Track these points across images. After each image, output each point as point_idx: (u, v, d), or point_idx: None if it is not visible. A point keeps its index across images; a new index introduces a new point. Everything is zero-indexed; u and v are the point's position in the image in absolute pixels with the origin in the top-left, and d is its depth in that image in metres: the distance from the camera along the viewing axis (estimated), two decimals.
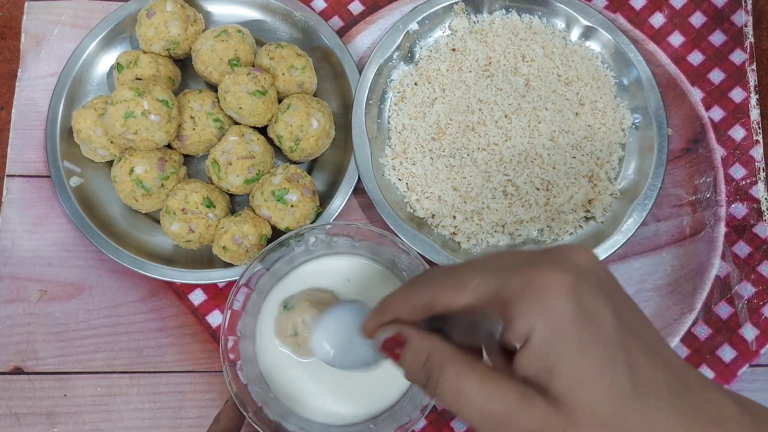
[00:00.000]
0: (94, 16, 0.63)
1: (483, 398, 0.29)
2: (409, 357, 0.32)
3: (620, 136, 0.60)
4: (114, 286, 0.59)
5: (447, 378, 0.30)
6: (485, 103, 0.59)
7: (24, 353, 0.57)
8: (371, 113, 0.60)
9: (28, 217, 0.60)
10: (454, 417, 0.57)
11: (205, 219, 0.54)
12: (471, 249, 0.58)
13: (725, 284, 0.59)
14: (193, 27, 0.58)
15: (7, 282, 0.58)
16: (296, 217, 0.55)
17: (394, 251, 0.51)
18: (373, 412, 0.52)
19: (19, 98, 0.62)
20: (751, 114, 0.63)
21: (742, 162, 0.62)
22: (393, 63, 0.61)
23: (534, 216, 0.58)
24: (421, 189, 0.58)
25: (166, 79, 0.57)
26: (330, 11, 0.65)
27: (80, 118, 0.56)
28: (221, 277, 0.56)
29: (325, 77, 0.62)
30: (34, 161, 0.61)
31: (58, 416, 0.56)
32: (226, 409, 0.50)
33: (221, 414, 0.50)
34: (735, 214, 0.61)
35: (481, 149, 0.58)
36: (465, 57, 0.61)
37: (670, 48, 0.64)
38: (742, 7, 0.65)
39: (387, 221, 0.57)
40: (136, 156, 0.54)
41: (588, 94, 0.60)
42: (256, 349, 0.53)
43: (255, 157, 0.55)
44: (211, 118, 0.56)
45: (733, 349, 0.58)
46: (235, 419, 0.50)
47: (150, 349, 0.58)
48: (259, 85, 0.54)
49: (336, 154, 0.60)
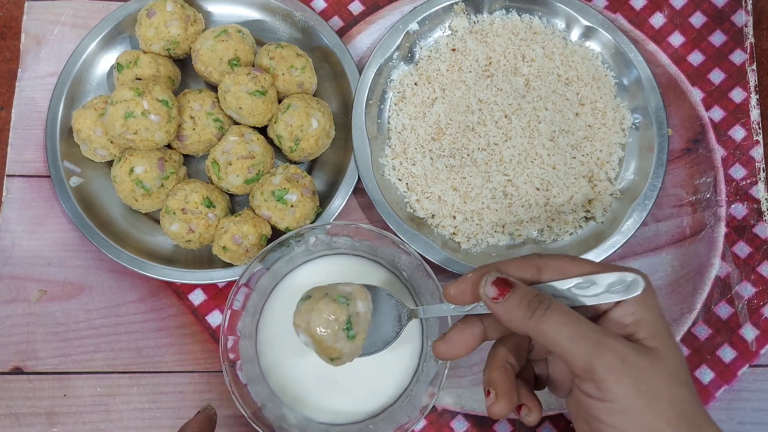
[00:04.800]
0: (94, 16, 0.63)
1: (583, 326, 0.36)
2: (518, 293, 0.38)
3: (620, 136, 0.60)
4: (114, 286, 0.59)
5: (555, 309, 0.36)
6: (485, 103, 0.59)
7: (24, 353, 0.57)
8: (371, 113, 0.60)
9: (27, 217, 0.60)
10: (454, 417, 0.57)
11: (205, 219, 0.54)
12: (471, 249, 0.58)
13: (725, 284, 0.59)
14: (193, 27, 0.58)
15: (6, 282, 0.58)
16: (296, 217, 0.55)
17: (394, 251, 0.51)
18: (372, 411, 0.52)
19: (19, 98, 0.62)
20: (751, 114, 0.63)
21: (742, 162, 0.62)
22: (393, 63, 0.61)
23: (534, 216, 0.58)
24: (421, 189, 0.58)
25: (166, 79, 0.57)
26: (330, 11, 0.65)
27: (80, 118, 0.56)
28: (221, 277, 0.56)
29: (325, 77, 0.62)
30: (34, 161, 0.61)
31: (58, 416, 0.56)
32: (193, 422, 0.47)
33: (186, 427, 0.47)
34: (735, 215, 0.61)
35: (481, 149, 0.58)
36: (465, 57, 0.61)
37: (671, 48, 0.64)
38: (742, 7, 0.65)
39: (387, 221, 0.57)
40: (136, 156, 0.54)
41: (588, 94, 0.60)
42: (257, 348, 0.53)
43: (255, 157, 0.55)
44: (211, 118, 0.56)
45: (733, 350, 0.58)
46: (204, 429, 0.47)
47: (150, 349, 0.58)
48: (259, 85, 0.54)
49: (336, 154, 0.60)
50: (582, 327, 0.36)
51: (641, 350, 0.36)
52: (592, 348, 0.35)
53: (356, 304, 0.44)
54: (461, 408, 0.57)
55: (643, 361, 0.35)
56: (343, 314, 0.43)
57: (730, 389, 0.57)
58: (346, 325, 0.43)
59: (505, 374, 0.40)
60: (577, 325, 0.36)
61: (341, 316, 0.43)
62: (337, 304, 0.44)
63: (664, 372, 0.36)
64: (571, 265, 0.39)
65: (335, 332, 0.43)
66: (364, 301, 0.45)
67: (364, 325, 0.44)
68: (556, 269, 0.39)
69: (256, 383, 0.51)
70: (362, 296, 0.45)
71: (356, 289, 0.45)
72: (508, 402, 0.40)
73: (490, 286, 0.38)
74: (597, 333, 0.36)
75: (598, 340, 0.35)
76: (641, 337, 0.37)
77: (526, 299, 0.37)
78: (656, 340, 0.37)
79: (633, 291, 0.37)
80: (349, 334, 0.44)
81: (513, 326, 0.38)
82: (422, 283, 0.51)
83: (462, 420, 0.57)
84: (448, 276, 0.59)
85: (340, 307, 0.44)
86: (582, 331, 0.36)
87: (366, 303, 0.45)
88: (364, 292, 0.46)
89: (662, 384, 0.35)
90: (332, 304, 0.44)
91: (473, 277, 0.40)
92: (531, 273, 0.39)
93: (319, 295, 0.45)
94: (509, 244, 0.59)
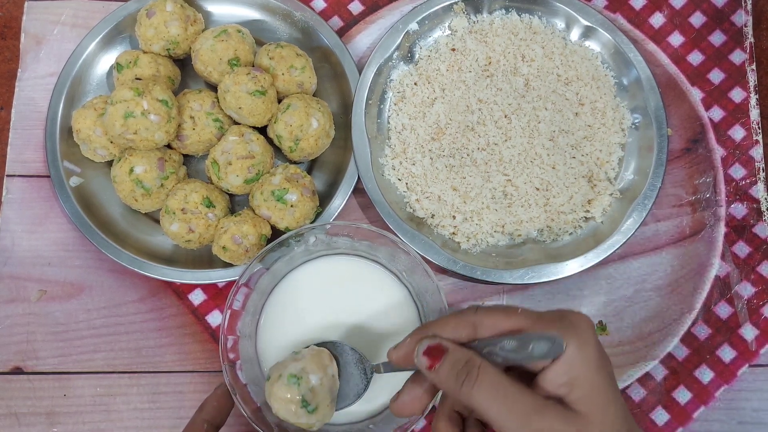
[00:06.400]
0: (94, 16, 0.63)
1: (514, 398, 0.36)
2: (449, 361, 0.37)
3: (620, 136, 0.60)
4: (114, 286, 0.59)
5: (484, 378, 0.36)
6: (485, 103, 0.59)
7: (24, 353, 0.57)
8: (371, 113, 0.60)
9: (27, 217, 0.60)
10: None
11: (204, 219, 0.54)
12: (470, 249, 0.58)
13: (725, 284, 0.59)
14: (193, 27, 0.58)
15: (7, 282, 0.58)
16: (296, 217, 0.55)
17: (393, 251, 0.51)
18: (371, 411, 0.52)
19: (19, 98, 0.62)
20: (751, 114, 0.63)
21: (742, 162, 0.62)
22: (393, 63, 0.61)
23: (533, 216, 0.58)
24: (421, 189, 0.58)
25: (165, 79, 0.57)
26: (330, 11, 0.65)
27: (80, 118, 0.56)
28: (221, 277, 0.56)
29: (324, 77, 0.62)
30: (33, 161, 0.61)
31: (58, 416, 0.56)
32: (212, 398, 0.49)
33: (206, 403, 0.49)
34: (735, 214, 0.61)
35: (481, 149, 0.58)
36: (465, 57, 0.61)
37: (670, 48, 0.64)
38: (742, 7, 0.65)
39: (387, 221, 0.57)
40: (136, 156, 0.55)
41: (588, 94, 0.60)
42: (257, 348, 0.53)
43: (255, 157, 0.55)
44: (210, 118, 0.56)
45: (733, 349, 0.58)
46: (221, 409, 0.49)
47: (150, 349, 0.58)
48: (258, 85, 0.54)
49: (336, 154, 0.60)
50: (509, 400, 0.36)
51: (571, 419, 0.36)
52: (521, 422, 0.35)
53: (308, 380, 0.45)
54: None
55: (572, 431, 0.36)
56: (296, 395, 0.45)
57: (730, 389, 0.57)
58: (302, 403, 0.45)
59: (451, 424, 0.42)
60: (504, 399, 0.36)
61: (294, 396, 0.45)
62: (289, 386, 0.45)
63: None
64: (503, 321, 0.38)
65: (295, 412, 0.45)
66: (318, 372, 0.46)
67: (323, 395, 0.45)
68: (490, 326, 0.38)
69: (257, 383, 0.51)
70: (316, 366, 0.46)
71: (308, 361, 0.46)
72: None
73: (422, 355, 0.38)
74: (525, 406, 0.36)
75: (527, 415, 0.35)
76: (573, 399, 0.36)
77: (455, 369, 0.37)
78: (588, 402, 0.36)
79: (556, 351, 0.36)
80: (309, 409, 0.45)
81: (449, 394, 0.39)
82: (422, 283, 0.51)
83: None
84: (448, 276, 0.59)
85: (291, 387, 0.45)
86: (510, 405, 0.36)
87: (320, 374, 0.46)
88: (319, 359, 0.46)
89: None
90: (284, 386, 0.45)
91: (410, 343, 0.40)
92: (467, 331, 0.39)
93: (275, 377, 0.46)
94: (509, 243, 0.59)
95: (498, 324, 0.38)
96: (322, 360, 0.47)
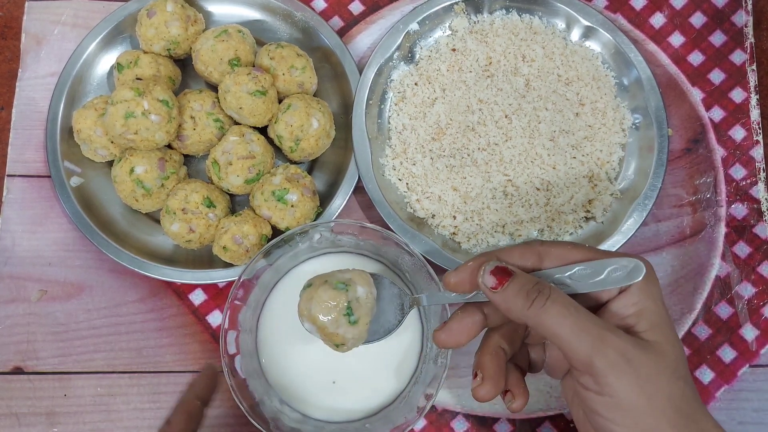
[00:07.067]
0: (95, 16, 0.63)
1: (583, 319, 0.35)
2: (518, 281, 0.37)
3: (620, 136, 0.60)
4: (114, 286, 0.59)
5: (556, 298, 0.36)
6: (485, 104, 0.59)
7: (24, 353, 0.57)
8: (371, 113, 0.60)
9: (28, 217, 0.60)
10: (454, 417, 0.57)
11: (205, 219, 0.54)
12: (471, 249, 0.58)
13: (725, 284, 0.59)
14: (194, 27, 0.58)
15: (7, 282, 0.58)
16: (296, 217, 0.55)
17: (397, 251, 0.51)
18: (369, 410, 0.52)
19: (19, 98, 0.62)
20: (751, 114, 0.63)
21: (743, 162, 0.62)
22: (393, 63, 0.61)
23: (534, 216, 0.58)
24: (421, 189, 0.58)
25: (166, 79, 0.57)
26: (330, 11, 0.65)
27: (80, 118, 0.56)
28: (221, 277, 0.56)
29: (325, 77, 0.62)
30: (34, 161, 0.61)
31: (58, 416, 0.56)
32: (202, 377, 0.49)
33: (196, 381, 0.49)
34: (735, 215, 0.61)
35: (481, 149, 0.58)
36: (465, 57, 0.61)
37: (671, 48, 0.64)
38: (742, 7, 0.65)
39: (387, 221, 0.57)
40: (137, 156, 0.55)
41: (588, 94, 0.60)
42: (257, 343, 0.53)
43: (255, 157, 0.55)
44: (211, 118, 0.56)
45: (733, 350, 0.58)
46: (210, 387, 0.49)
47: (150, 349, 0.58)
48: (259, 85, 0.54)
49: (336, 154, 0.60)
50: (582, 320, 0.35)
51: (642, 345, 0.36)
52: (593, 343, 0.35)
53: (356, 290, 0.44)
54: (462, 408, 0.57)
55: (644, 357, 0.35)
56: (343, 300, 0.44)
57: (730, 389, 0.57)
58: (346, 310, 0.44)
59: (495, 359, 0.40)
60: (576, 318, 0.35)
61: (341, 302, 0.44)
62: (336, 291, 0.44)
63: (663, 368, 0.35)
64: (572, 251, 0.38)
65: (336, 318, 0.44)
66: (365, 285, 0.45)
67: (366, 310, 0.45)
68: (558, 256, 0.38)
69: (255, 377, 0.51)
70: (362, 281, 0.45)
71: (356, 274, 0.45)
72: (493, 386, 0.40)
73: (488, 275, 0.38)
74: (598, 327, 0.35)
75: (599, 335, 0.35)
76: (642, 330, 0.37)
77: (525, 289, 0.37)
78: (657, 332, 0.36)
79: (634, 277, 0.37)
80: (351, 320, 0.44)
81: (512, 316, 0.38)
82: (424, 284, 0.51)
83: (462, 420, 0.57)
84: None
85: (339, 293, 0.44)
86: (582, 325, 0.35)
87: (366, 288, 0.45)
88: (365, 277, 0.46)
89: (662, 380, 0.35)
90: (331, 290, 0.44)
91: (473, 266, 0.39)
92: (532, 260, 0.39)
93: (319, 282, 0.45)
94: (509, 244, 0.59)
95: (566, 254, 0.38)
96: (367, 279, 0.46)
